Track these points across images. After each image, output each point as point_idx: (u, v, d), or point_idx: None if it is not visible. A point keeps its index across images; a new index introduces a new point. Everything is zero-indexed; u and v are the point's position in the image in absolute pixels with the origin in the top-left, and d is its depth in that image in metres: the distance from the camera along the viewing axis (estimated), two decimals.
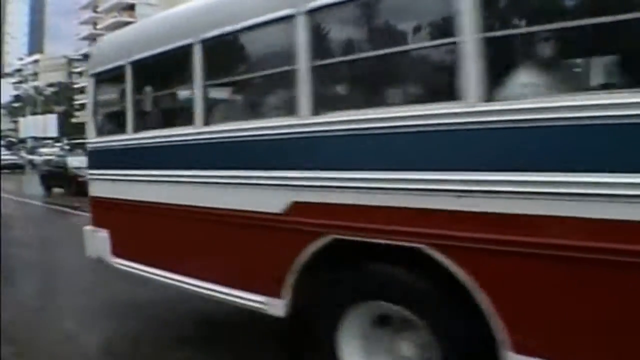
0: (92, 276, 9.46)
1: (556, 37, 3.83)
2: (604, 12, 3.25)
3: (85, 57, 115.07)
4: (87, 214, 8.20)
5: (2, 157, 43.47)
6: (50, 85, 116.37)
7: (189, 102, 5.88)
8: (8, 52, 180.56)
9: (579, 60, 4.23)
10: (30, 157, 52.59)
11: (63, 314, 7.96)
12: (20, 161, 49.69)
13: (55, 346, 6.65)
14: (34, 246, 13.87)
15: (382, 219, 4.12)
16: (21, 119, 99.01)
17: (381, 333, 4.48)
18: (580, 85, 4.05)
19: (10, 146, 68.93)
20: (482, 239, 3.58)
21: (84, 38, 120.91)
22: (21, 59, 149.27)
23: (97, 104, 7.75)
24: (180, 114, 6.37)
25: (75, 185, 24.41)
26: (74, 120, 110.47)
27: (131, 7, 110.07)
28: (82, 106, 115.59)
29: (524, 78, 3.67)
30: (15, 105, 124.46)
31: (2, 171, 39.27)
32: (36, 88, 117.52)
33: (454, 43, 3.76)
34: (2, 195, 23.76)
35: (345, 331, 4.52)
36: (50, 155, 47.70)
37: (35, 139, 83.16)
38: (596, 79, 4.05)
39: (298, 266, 4.69)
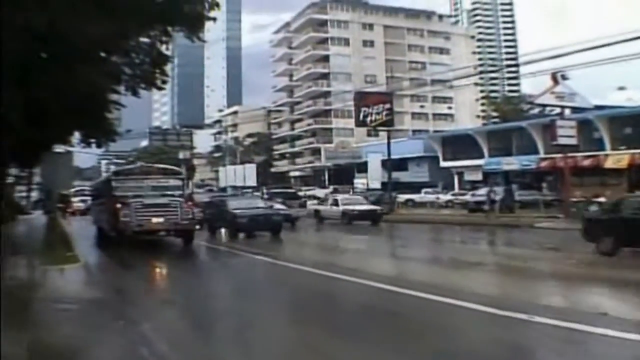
0: None
1: None
2: None
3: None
4: None
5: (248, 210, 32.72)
6: (249, 135, 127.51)
7: None
8: (208, 104, 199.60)
9: None
10: (320, 207, 47.00)
11: None
12: (295, 212, 42.75)
13: None
14: None
15: None
16: (221, 169, 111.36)
17: None
18: None
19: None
20: None
21: (280, 89, 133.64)
22: (220, 110, 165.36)
23: None
24: None
25: None
26: (273, 169, 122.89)
27: (325, 59, 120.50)
28: (282, 156, 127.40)
29: None
30: (216, 155, 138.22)
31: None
32: (236, 139, 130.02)
33: None
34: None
35: None
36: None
37: (235, 187, 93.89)
38: None
39: None
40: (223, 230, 32.72)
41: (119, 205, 25.34)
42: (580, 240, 21.90)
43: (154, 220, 25.31)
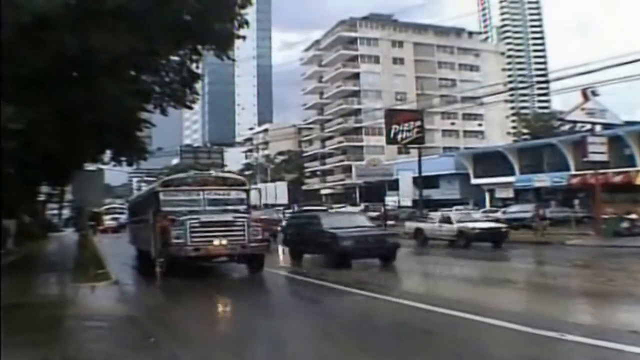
0: None
1: None
2: None
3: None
4: None
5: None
6: (280, 153, 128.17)
7: None
8: (239, 122, 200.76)
9: None
10: (423, 225, 37.32)
11: None
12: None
13: None
14: None
15: None
16: (252, 186, 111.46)
17: None
18: None
19: None
20: None
21: (311, 107, 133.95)
22: (251, 128, 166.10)
23: None
24: None
25: None
26: (304, 187, 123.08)
27: (355, 76, 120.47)
28: (313, 173, 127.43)
29: None
30: (247, 173, 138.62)
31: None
32: (267, 156, 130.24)
33: None
34: None
35: None
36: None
37: (266, 205, 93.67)
38: None
39: None
40: (306, 256, 26.20)
41: (169, 224, 20.53)
42: (609, 256, 21.57)
43: (216, 242, 20.17)
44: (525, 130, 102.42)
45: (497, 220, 39.13)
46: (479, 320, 11.72)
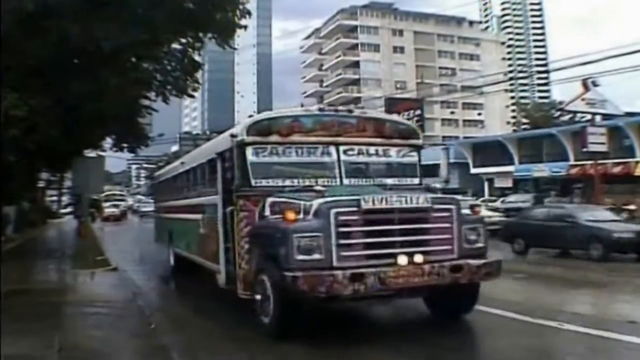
0: None
1: None
2: None
3: None
4: None
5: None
6: None
7: None
8: (238, 110, 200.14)
9: None
10: None
11: None
12: None
13: None
14: None
15: None
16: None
17: None
18: None
19: None
20: None
21: (310, 95, 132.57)
22: (251, 116, 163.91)
23: None
24: None
25: None
26: None
27: (355, 64, 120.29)
28: None
29: None
30: None
31: None
32: None
33: None
34: None
35: None
36: None
37: None
38: None
39: None
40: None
41: (287, 217, 8.99)
42: None
43: (401, 259, 8.99)
44: (524, 120, 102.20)
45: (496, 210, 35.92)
46: None
